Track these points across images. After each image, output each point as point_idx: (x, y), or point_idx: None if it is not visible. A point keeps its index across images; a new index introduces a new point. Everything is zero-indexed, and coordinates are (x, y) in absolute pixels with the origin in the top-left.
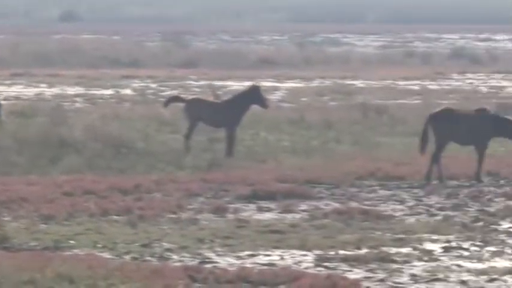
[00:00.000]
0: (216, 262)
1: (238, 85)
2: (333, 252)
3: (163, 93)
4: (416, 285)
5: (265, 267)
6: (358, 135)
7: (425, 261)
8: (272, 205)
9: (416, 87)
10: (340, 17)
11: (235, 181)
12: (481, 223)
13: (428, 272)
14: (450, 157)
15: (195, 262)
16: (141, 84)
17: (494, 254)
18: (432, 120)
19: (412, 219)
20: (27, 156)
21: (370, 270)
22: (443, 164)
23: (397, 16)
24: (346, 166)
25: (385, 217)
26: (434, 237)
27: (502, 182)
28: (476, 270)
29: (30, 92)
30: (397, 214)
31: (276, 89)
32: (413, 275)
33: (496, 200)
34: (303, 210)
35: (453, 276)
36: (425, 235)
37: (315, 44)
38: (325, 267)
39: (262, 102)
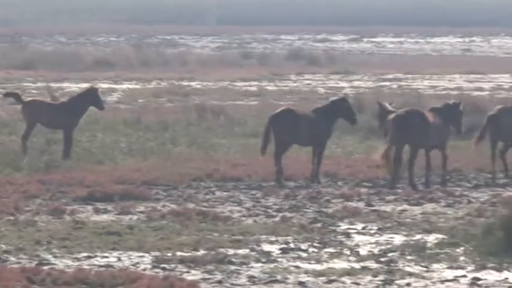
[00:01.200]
0: (54, 264)
1: (75, 87)
2: (170, 254)
3: None
4: (254, 286)
5: (102, 268)
6: (194, 137)
7: (263, 262)
8: (109, 207)
9: (253, 88)
10: (177, 19)
11: (73, 183)
12: (319, 224)
13: (266, 273)
14: (288, 158)
15: (32, 264)
16: None
17: (333, 255)
18: (273, 120)
19: (249, 221)
20: None
21: (208, 272)
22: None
23: (234, 17)
24: (183, 167)
25: (222, 218)
26: (272, 238)
27: (339, 183)
28: (315, 271)
29: None
30: (234, 215)
31: (112, 90)
32: (251, 277)
33: (334, 201)
34: (140, 212)
35: (291, 278)
36: (263, 236)
37: (152, 45)
38: (163, 268)
39: (99, 104)
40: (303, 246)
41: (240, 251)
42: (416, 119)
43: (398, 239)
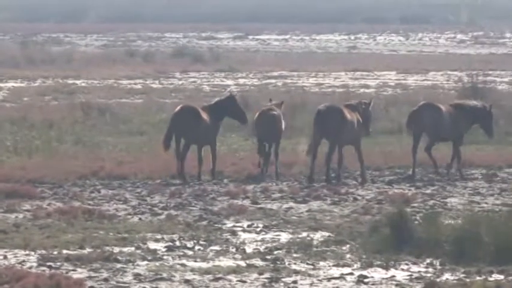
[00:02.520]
0: None
1: None
2: (56, 252)
3: None
4: (140, 284)
5: None
6: (80, 135)
7: (149, 260)
8: None
9: (139, 86)
10: (62, 17)
11: None
12: (204, 222)
13: (152, 271)
14: (172, 156)
15: None
16: None
17: (219, 253)
18: (173, 118)
19: (135, 219)
20: None
21: (94, 270)
22: (171, 163)
23: (120, 15)
24: (68, 165)
25: (108, 216)
26: (158, 236)
27: (225, 181)
28: (201, 269)
29: None
30: (120, 213)
31: None
32: (137, 274)
33: (220, 199)
34: (26, 210)
35: (177, 276)
36: (149, 234)
37: (37, 43)
38: (49, 266)
39: None
40: (189, 244)
41: (126, 249)
42: (335, 114)
43: (284, 237)
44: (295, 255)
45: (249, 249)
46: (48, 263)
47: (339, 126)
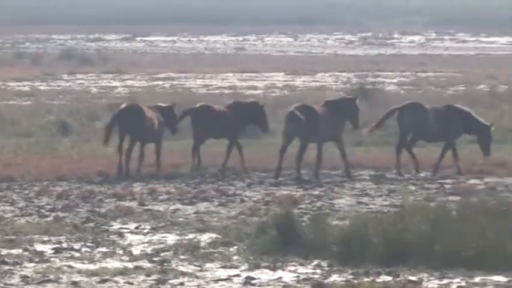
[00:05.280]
0: None
1: None
2: None
3: None
4: (28, 286)
5: None
6: None
7: (37, 262)
8: None
9: (26, 88)
10: None
11: None
12: (92, 224)
13: (39, 273)
14: (61, 157)
15: None
16: None
17: (106, 255)
18: (118, 115)
19: (22, 221)
20: None
21: None
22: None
23: (8, 17)
24: None
25: None
26: (46, 238)
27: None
28: (88, 271)
29: None
30: (7, 215)
31: None
32: (24, 276)
33: (107, 200)
34: None
35: (64, 277)
36: (36, 236)
37: None
38: None
39: None
40: (76, 246)
41: (13, 251)
42: (305, 112)
43: (171, 239)
44: (182, 256)
45: (136, 251)
46: None
47: (309, 125)
